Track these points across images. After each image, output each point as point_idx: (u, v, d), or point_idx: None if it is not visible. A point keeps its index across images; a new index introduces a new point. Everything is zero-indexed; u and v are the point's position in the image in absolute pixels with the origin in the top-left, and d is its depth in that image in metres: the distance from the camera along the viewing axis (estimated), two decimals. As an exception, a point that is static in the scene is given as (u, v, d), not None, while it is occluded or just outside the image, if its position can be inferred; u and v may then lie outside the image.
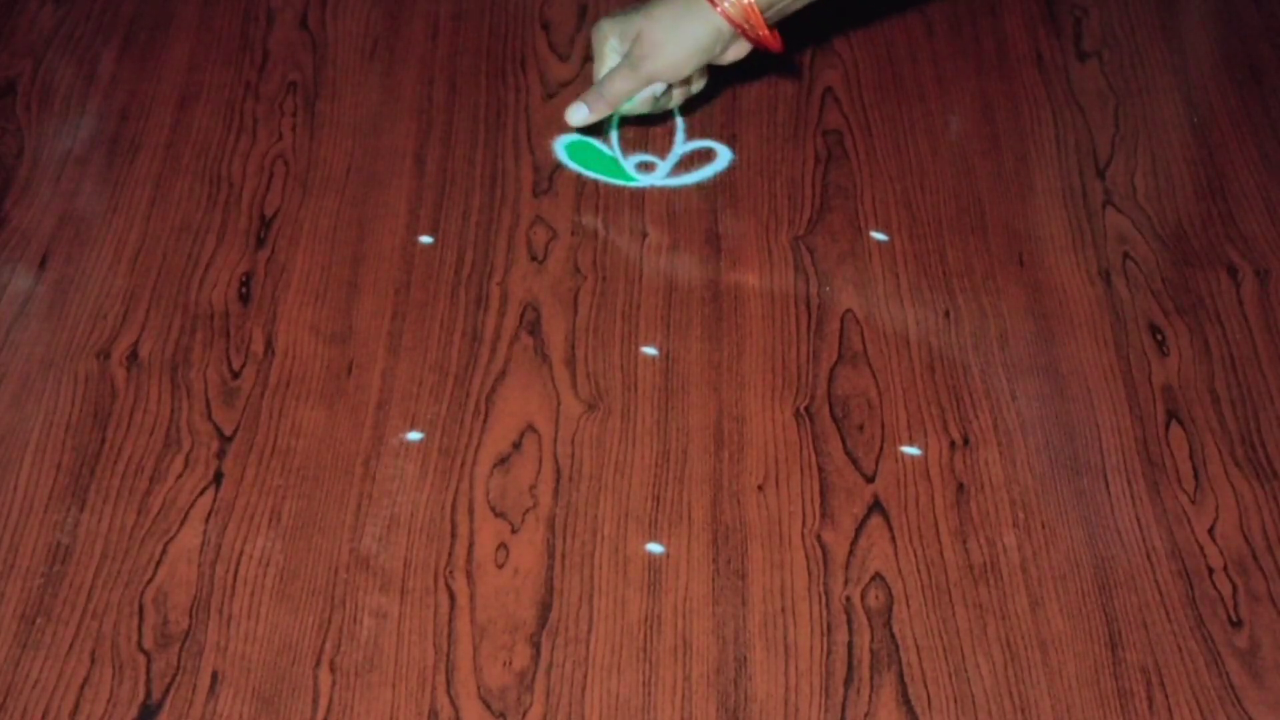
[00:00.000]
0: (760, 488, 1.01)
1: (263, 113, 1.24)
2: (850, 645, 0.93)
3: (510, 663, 0.92)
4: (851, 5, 1.34)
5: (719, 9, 1.08)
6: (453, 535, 0.98)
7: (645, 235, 1.16)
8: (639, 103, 1.14)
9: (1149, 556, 0.98)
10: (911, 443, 1.03)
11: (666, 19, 1.09)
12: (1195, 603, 0.96)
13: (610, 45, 1.13)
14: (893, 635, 0.94)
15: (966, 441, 1.04)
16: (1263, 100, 1.28)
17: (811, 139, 1.23)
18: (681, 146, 1.22)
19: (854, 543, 0.98)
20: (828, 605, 0.95)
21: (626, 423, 1.04)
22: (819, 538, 0.98)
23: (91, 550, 0.96)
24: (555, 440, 1.03)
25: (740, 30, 1.09)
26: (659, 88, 1.13)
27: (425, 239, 1.15)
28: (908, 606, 0.95)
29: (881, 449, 1.03)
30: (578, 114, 1.16)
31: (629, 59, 1.12)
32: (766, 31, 1.09)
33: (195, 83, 1.26)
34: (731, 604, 0.95)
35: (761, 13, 1.08)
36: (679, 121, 1.24)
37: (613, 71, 1.13)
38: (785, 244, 1.16)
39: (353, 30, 1.31)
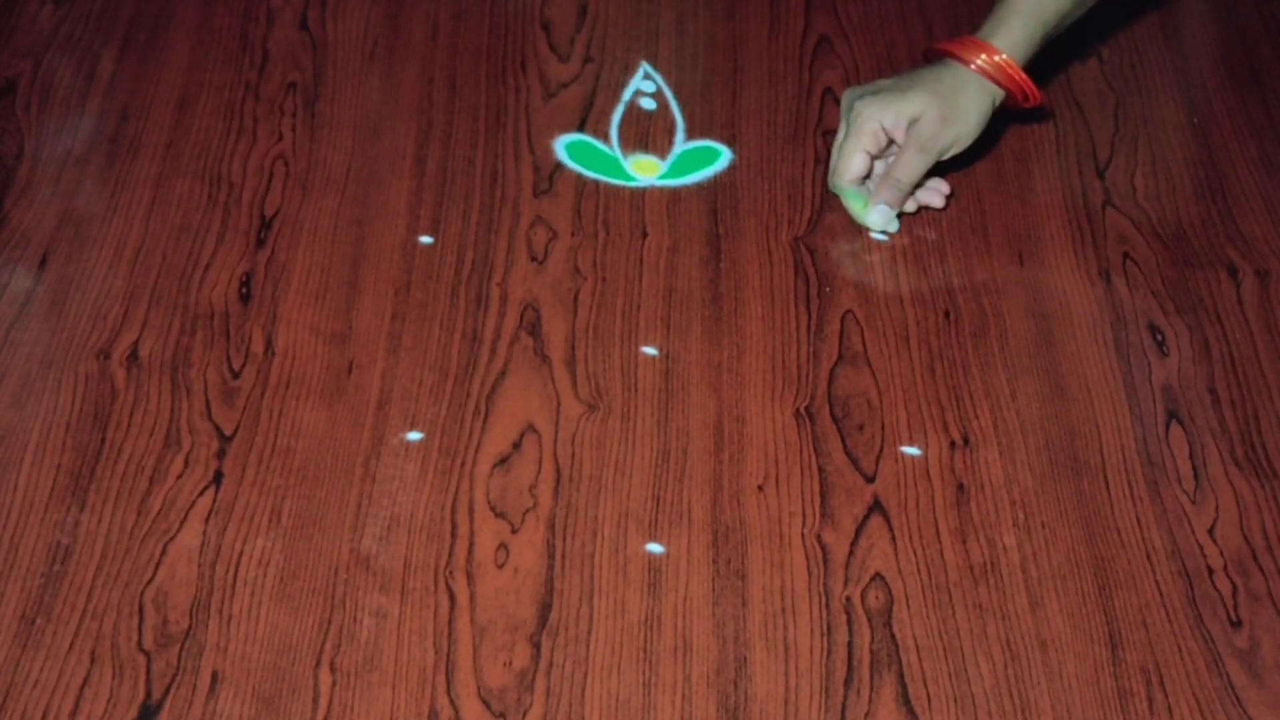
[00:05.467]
0: (760, 488, 1.01)
1: (263, 113, 1.24)
2: (850, 645, 0.93)
3: (510, 663, 0.92)
4: (854, 5, 1.35)
5: (972, 66, 1.09)
6: (453, 535, 0.98)
7: (645, 235, 1.16)
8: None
9: (1149, 556, 0.98)
10: (911, 443, 1.03)
11: (946, 94, 1.09)
12: (1195, 603, 0.96)
13: (875, 129, 1.11)
14: (893, 635, 0.94)
15: (966, 441, 1.04)
16: (1263, 100, 1.28)
17: (811, 139, 1.23)
18: (681, 146, 1.22)
19: (854, 543, 0.98)
20: (828, 605, 0.95)
21: (626, 423, 1.04)
22: (819, 538, 0.98)
23: (91, 550, 0.96)
24: (555, 440, 1.03)
25: (1000, 83, 1.10)
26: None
27: (425, 239, 1.15)
28: (908, 606, 0.95)
29: (881, 449, 1.03)
30: (880, 216, 1.13)
31: (916, 139, 1.10)
32: (1024, 76, 1.10)
33: (195, 83, 1.26)
34: (731, 604, 0.95)
35: (1021, 65, 1.10)
36: (679, 121, 1.24)
37: (903, 159, 1.11)
38: (785, 244, 1.16)
39: (353, 30, 1.31)
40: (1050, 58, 1.29)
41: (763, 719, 0.90)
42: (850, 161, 1.12)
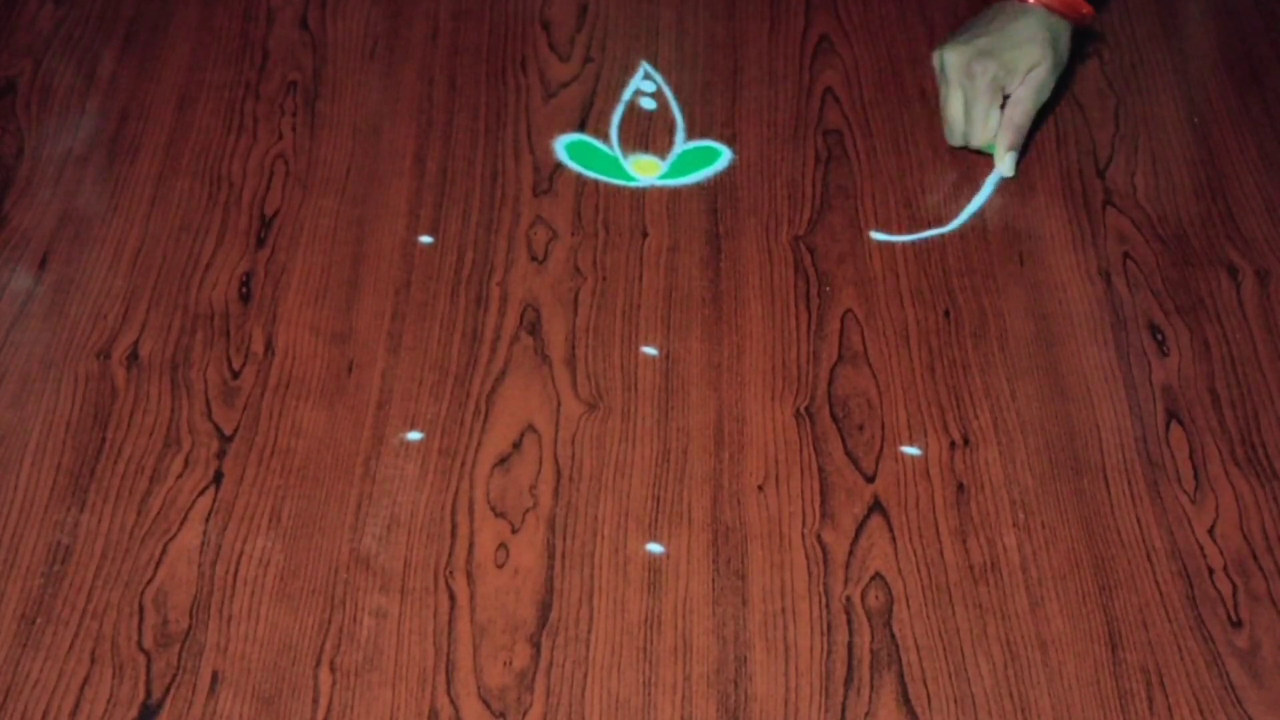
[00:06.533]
0: (760, 488, 1.01)
1: (263, 113, 1.24)
2: (850, 645, 0.93)
3: (510, 663, 0.92)
4: (854, 5, 1.35)
5: (1034, 1, 1.18)
6: (453, 535, 0.98)
7: (645, 235, 1.16)
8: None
9: (1149, 556, 0.98)
10: (911, 443, 1.03)
11: (1051, 38, 1.17)
12: (1195, 603, 0.96)
13: (1000, 86, 1.17)
14: (893, 635, 0.94)
15: (966, 441, 1.04)
16: (1263, 100, 1.28)
17: (811, 139, 1.23)
18: (681, 146, 1.22)
19: (854, 543, 0.98)
20: (828, 605, 0.95)
21: (626, 423, 1.04)
22: (819, 538, 0.98)
23: (91, 550, 0.96)
24: (555, 440, 1.03)
25: (1064, 14, 1.19)
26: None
27: (425, 239, 1.15)
28: (908, 606, 0.95)
29: (881, 449, 1.03)
30: (1013, 160, 1.19)
31: (1034, 86, 1.17)
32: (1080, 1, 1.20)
33: (195, 83, 1.26)
34: (731, 604, 0.95)
35: None
36: (679, 121, 1.24)
37: (1023, 105, 1.18)
38: (785, 244, 1.16)
39: (353, 30, 1.31)
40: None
41: (763, 719, 0.90)
42: (990, 120, 1.18)
